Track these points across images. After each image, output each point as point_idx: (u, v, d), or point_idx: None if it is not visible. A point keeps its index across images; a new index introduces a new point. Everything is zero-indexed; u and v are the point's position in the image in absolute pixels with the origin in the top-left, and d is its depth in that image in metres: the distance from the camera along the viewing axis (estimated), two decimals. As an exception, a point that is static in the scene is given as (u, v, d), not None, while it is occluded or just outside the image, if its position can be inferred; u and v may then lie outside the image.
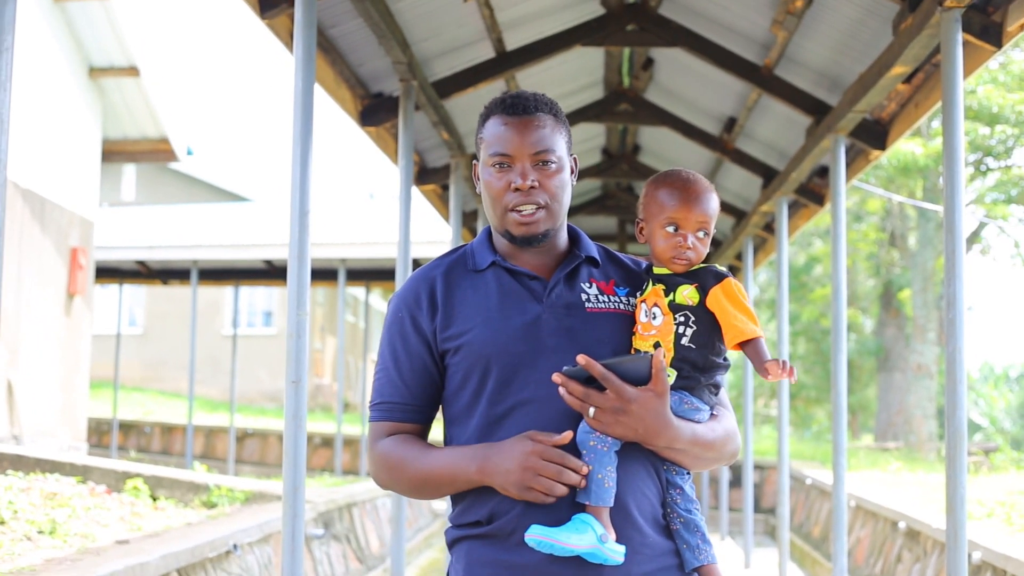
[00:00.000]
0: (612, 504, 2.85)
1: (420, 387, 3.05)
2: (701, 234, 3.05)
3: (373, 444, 3.07)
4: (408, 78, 7.62)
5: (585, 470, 2.78)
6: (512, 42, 8.71)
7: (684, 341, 2.97)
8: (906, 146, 22.02)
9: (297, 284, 5.12)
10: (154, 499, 10.29)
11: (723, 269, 3.02)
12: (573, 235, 3.20)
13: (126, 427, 26.35)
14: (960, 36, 5.68)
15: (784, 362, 2.87)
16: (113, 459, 15.25)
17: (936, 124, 24.11)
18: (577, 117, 11.11)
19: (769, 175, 11.08)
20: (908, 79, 7.57)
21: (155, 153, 19.08)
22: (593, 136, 12.35)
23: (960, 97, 5.60)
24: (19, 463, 10.58)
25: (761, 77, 8.80)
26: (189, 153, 21.50)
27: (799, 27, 7.80)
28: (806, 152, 9.09)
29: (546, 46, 8.80)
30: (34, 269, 15.25)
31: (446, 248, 19.01)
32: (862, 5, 7.05)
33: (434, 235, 19.39)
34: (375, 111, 8.50)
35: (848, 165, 9.37)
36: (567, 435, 2.79)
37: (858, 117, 7.86)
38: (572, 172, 3.12)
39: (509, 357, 2.95)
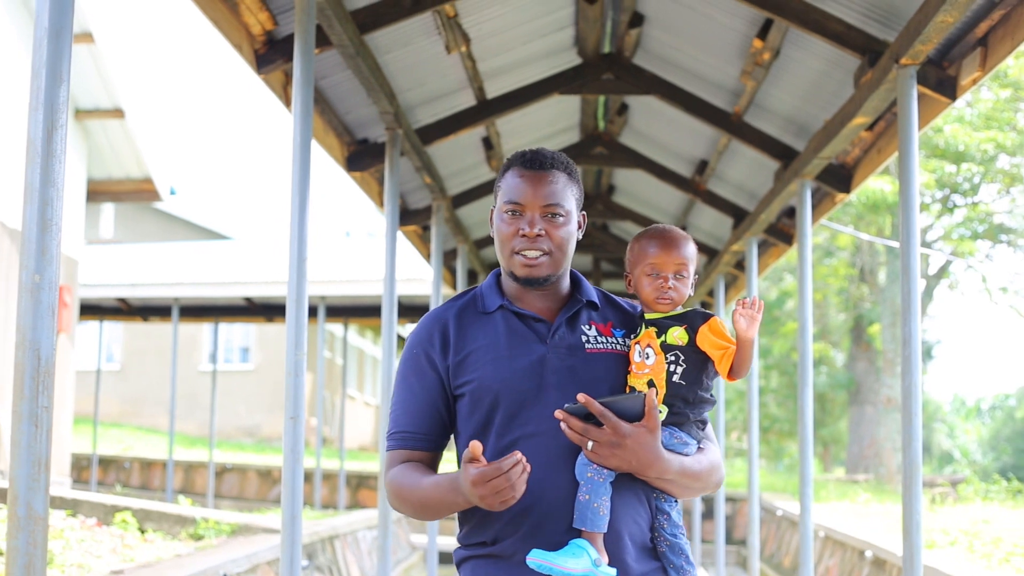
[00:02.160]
0: (606, 530, 3.09)
1: (431, 418, 3.28)
2: (681, 275, 3.31)
3: (387, 472, 3.30)
4: (394, 126, 7.95)
5: (518, 455, 2.93)
6: (493, 90, 9.03)
7: (675, 378, 3.20)
8: (875, 184, 22.42)
9: (296, 325, 5.41)
10: (142, 531, 10.54)
11: (709, 311, 3.27)
12: (575, 280, 3.43)
13: (106, 462, 26.48)
14: (915, 91, 6.02)
15: (745, 300, 3.19)
16: (101, 493, 15.46)
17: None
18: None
19: (739, 215, 11.41)
20: (871, 127, 7.91)
21: (139, 193, 19.33)
22: (569, 178, 12.69)
23: (915, 148, 5.95)
24: (6, 497, 10.83)
25: (731, 123, 9.12)
26: (172, 193, 21.81)
27: (767, 77, 8.14)
28: (774, 195, 9.43)
29: (525, 94, 9.13)
30: (20, 307, 15.48)
31: (426, 285, 19.35)
32: (826, 58, 7.40)
33: (413, 273, 19.69)
34: (361, 157, 8.81)
35: (815, 207, 9.73)
36: (473, 447, 2.96)
37: (823, 163, 8.19)
38: (579, 227, 3.35)
39: (515, 393, 3.19)
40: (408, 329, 42.00)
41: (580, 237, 3.38)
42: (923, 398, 29.60)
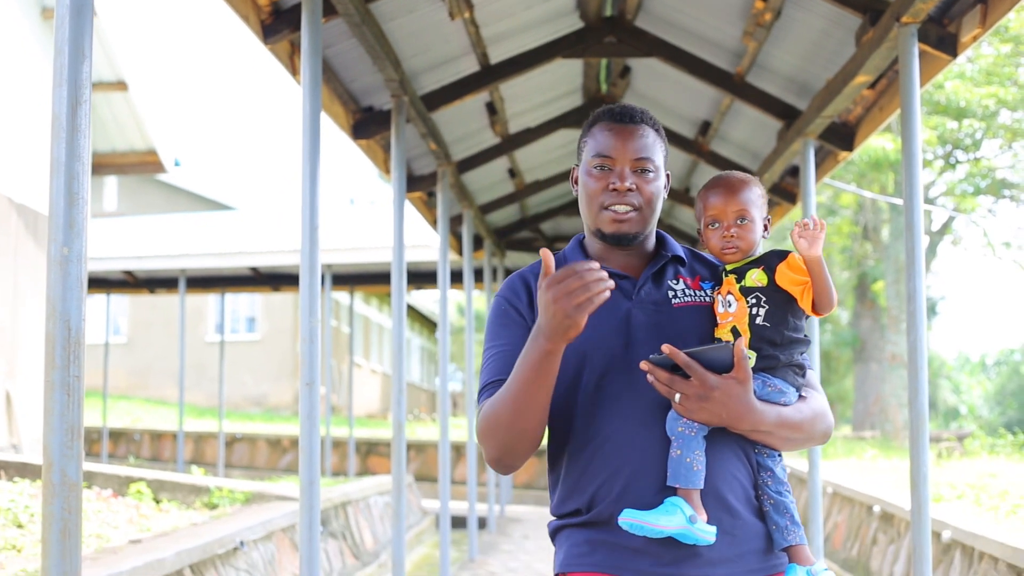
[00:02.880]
0: (702, 486, 2.96)
1: None
2: (741, 221, 3.16)
3: (479, 422, 3.11)
4: (400, 94, 8.02)
5: (596, 265, 2.76)
6: (496, 56, 9.09)
7: (758, 321, 3.08)
8: (877, 142, 22.44)
9: (309, 293, 5.49)
10: (157, 502, 10.64)
11: (785, 250, 3.13)
12: (660, 238, 3.32)
13: (116, 435, 26.60)
14: (916, 49, 6.09)
15: (805, 223, 3.05)
16: (114, 465, 15.58)
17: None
18: (557, 124, 11.53)
19: (743, 176, 11.48)
20: (872, 85, 7.97)
21: (143, 165, 19.38)
22: (572, 141, 12.74)
23: (917, 106, 6.02)
24: (25, 470, 10.92)
25: (733, 84, 9.19)
26: (176, 164, 21.87)
27: (768, 37, 8.19)
28: (777, 154, 9.50)
29: (528, 59, 9.19)
30: (29, 281, 15.57)
31: (432, 252, 19.41)
32: (827, 17, 7.45)
33: (419, 240, 19.74)
34: (367, 125, 8.88)
35: (818, 166, 9.80)
36: (545, 255, 2.81)
37: (826, 121, 8.26)
38: (665, 187, 3.23)
39: (603, 351, 3.08)
40: (415, 297, 42.17)
41: (666, 196, 3.26)
42: (928, 354, 29.70)
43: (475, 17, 8.17)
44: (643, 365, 2.97)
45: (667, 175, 3.26)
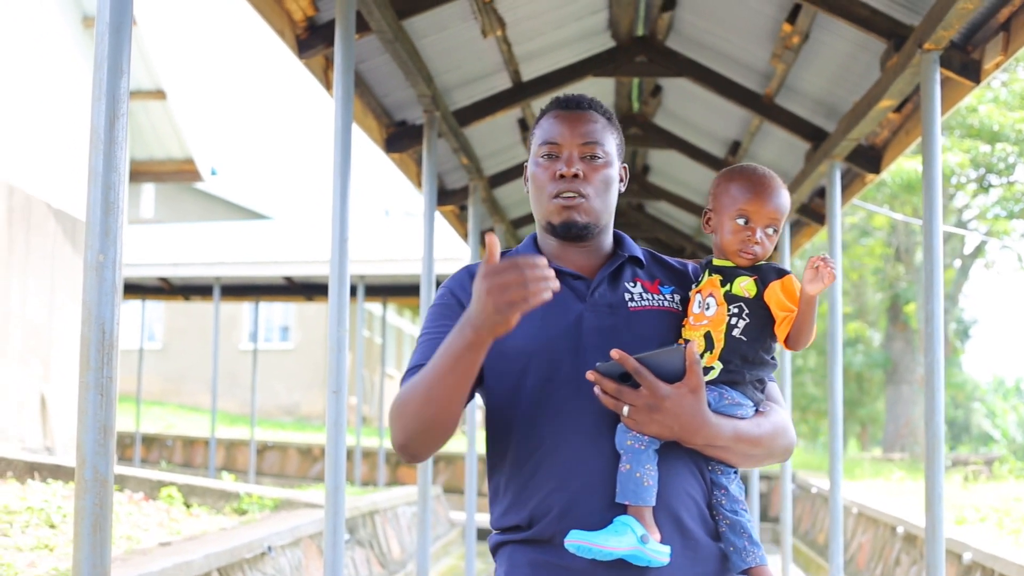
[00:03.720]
0: (653, 503, 2.77)
1: None
2: (770, 230, 3.00)
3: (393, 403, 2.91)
4: (432, 109, 8.16)
5: (543, 262, 2.54)
6: (528, 73, 9.22)
7: (736, 332, 2.90)
8: (908, 164, 22.49)
9: (338, 303, 5.63)
10: (187, 506, 10.80)
11: (785, 268, 2.96)
12: (618, 238, 3.15)
13: (148, 440, 26.86)
14: (938, 75, 6.18)
15: (817, 264, 2.83)
16: (146, 469, 15.78)
17: (941, 140, 24.52)
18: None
19: (772, 196, 11.58)
20: (899, 108, 8.06)
21: (180, 173, 19.60)
22: (604, 158, 12.86)
23: (938, 132, 6.11)
24: (58, 472, 11.11)
25: (762, 105, 9.28)
26: (213, 173, 22.01)
27: (796, 60, 8.29)
28: (805, 176, 9.59)
29: (560, 77, 9.31)
30: (66, 286, 15.80)
31: (463, 264, 19.57)
32: (853, 41, 7.55)
33: (450, 252, 19.88)
34: (399, 138, 9.01)
35: (845, 188, 9.89)
36: (490, 242, 2.58)
37: (852, 144, 8.35)
38: (622, 180, 3.09)
39: (550, 354, 2.89)
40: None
41: (623, 191, 3.11)
42: (961, 378, 29.55)
43: (507, 35, 8.29)
44: (590, 375, 2.79)
45: (623, 167, 3.12)
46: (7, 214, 14.29)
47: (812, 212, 11.24)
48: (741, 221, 2.98)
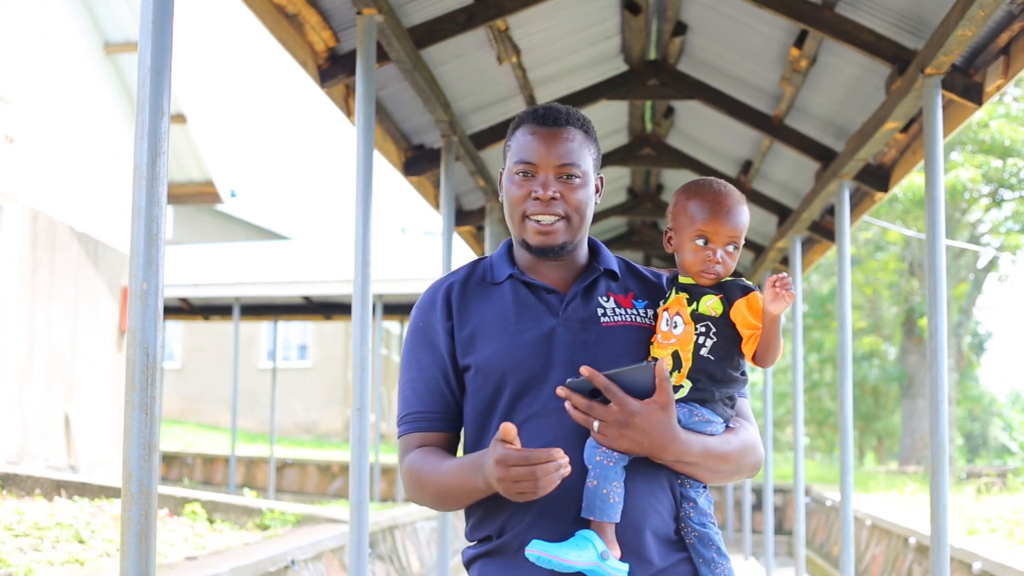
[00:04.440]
0: (618, 520, 2.78)
1: (443, 395, 3.00)
2: (731, 248, 2.97)
3: (402, 459, 3.03)
4: (449, 134, 8.36)
5: (558, 455, 2.63)
6: (543, 97, 9.40)
7: (703, 352, 2.89)
8: (920, 179, 22.65)
9: (361, 323, 5.83)
10: (211, 522, 11.00)
11: (750, 285, 2.95)
12: (593, 248, 3.13)
13: (168, 458, 27.07)
14: (940, 99, 6.36)
15: (776, 284, 2.81)
16: (169, 486, 15.99)
17: (954, 156, 24.72)
18: (604, 161, 11.82)
19: (784, 213, 11.77)
20: (905, 128, 8.25)
21: (200, 196, 19.83)
22: (619, 177, 13.06)
23: (940, 155, 6.29)
24: (84, 490, 11.33)
25: (772, 126, 9.47)
26: (233, 195, 22.24)
27: (805, 83, 8.48)
28: (815, 194, 9.78)
29: (574, 100, 9.49)
30: (89, 308, 16.04)
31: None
32: (860, 65, 7.74)
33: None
34: (418, 162, 9.22)
35: (855, 205, 10.07)
36: (505, 429, 2.68)
37: (860, 164, 8.52)
38: (597, 191, 3.07)
39: (523, 371, 2.90)
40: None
41: (599, 201, 3.10)
42: (979, 391, 29.60)
43: (522, 61, 8.50)
44: (560, 391, 2.81)
45: (600, 178, 3.10)
46: (32, 238, 14.54)
47: (823, 229, 11.42)
48: (701, 242, 2.96)
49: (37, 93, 14.90)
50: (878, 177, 9.24)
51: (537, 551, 2.73)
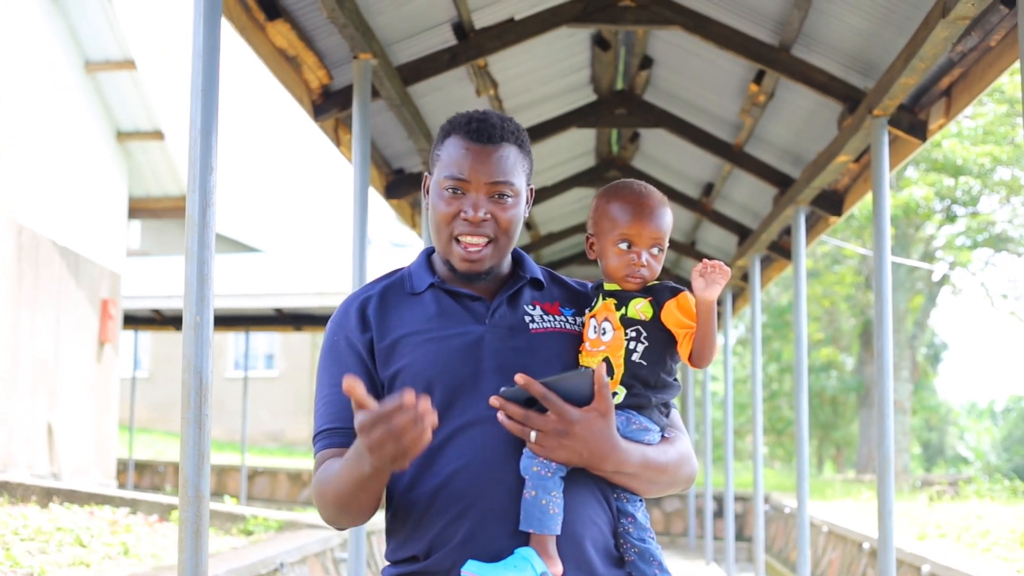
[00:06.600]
0: (558, 532, 2.64)
1: None
2: (655, 251, 2.86)
3: (314, 477, 2.81)
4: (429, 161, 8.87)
5: (407, 399, 2.37)
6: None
7: (635, 357, 2.78)
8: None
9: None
10: (197, 528, 11.44)
11: (679, 286, 2.84)
12: (517, 258, 3.01)
13: (141, 467, 27.35)
14: (886, 138, 6.90)
15: (707, 262, 2.74)
16: (156, 494, 16.39)
17: (909, 172, 25.41)
18: (571, 183, 12.41)
19: (744, 233, 12.32)
20: (857, 159, 8.82)
21: (176, 210, 20.15)
22: (585, 198, 13.57)
23: (886, 190, 6.83)
24: (74, 496, 11.76)
25: (733, 153, 10.00)
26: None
27: (763, 115, 9.02)
28: (774, 217, 10.31)
29: (547, 128, 10.02)
30: (70, 319, 16.46)
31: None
32: (815, 100, 8.26)
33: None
34: (398, 186, 9.70)
35: (811, 227, 10.61)
36: (348, 384, 2.43)
37: (815, 191, 9.08)
38: (528, 202, 2.93)
39: (449, 378, 2.74)
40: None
41: (528, 213, 2.96)
42: (935, 401, 30.17)
43: (499, 93, 9.02)
44: (493, 401, 2.66)
45: (530, 189, 2.95)
46: (16, 251, 14.93)
47: (781, 249, 11.97)
48: (624, 245, 2.85)
49: (19, 109, 15.25)
50: (832, 202, 9.78)
51: (472, 572, 2.58)
